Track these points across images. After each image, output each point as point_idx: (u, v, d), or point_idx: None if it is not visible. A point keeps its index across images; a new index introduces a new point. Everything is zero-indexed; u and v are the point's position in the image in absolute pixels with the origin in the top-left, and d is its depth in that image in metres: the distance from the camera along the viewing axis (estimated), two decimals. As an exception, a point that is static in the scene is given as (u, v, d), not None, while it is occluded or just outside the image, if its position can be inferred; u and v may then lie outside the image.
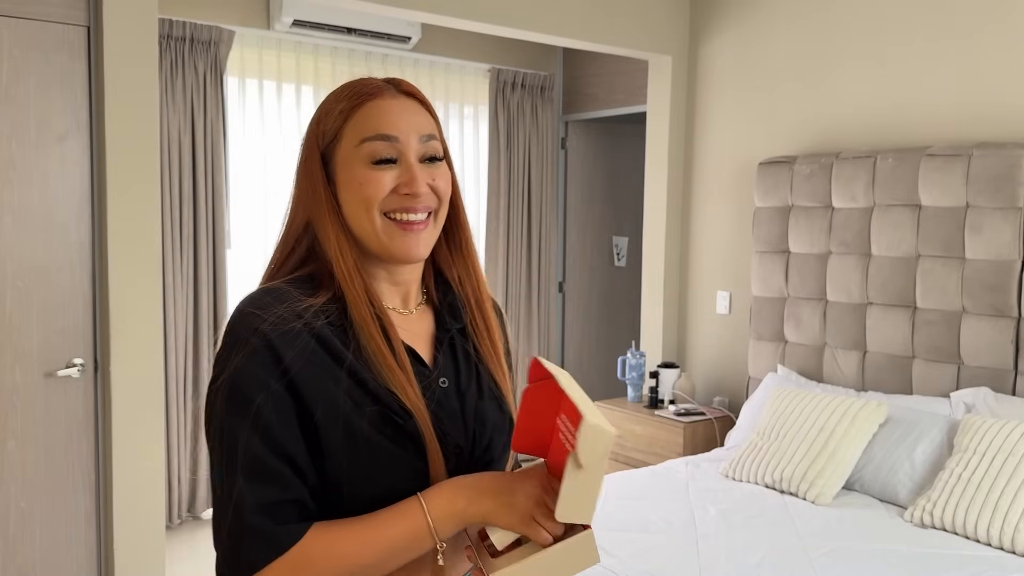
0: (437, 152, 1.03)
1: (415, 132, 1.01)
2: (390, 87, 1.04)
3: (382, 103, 1.01)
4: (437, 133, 1.05)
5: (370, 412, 0.96)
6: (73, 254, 2.63)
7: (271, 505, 0.91)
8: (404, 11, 3.37)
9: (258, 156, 4.21)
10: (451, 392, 1.05)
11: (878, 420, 3.00)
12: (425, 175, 1.01)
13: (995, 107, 3.13)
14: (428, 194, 1.02)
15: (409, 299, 1.09)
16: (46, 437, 2.62)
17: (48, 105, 2.56)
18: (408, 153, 1.01)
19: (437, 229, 1.06)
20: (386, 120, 1.00)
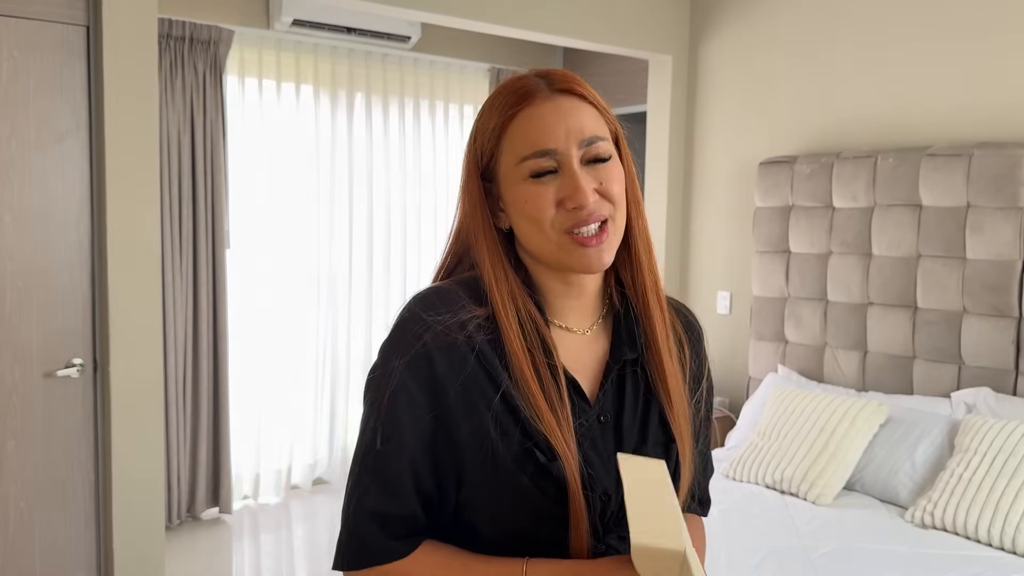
0: (603, 153, 0.94)
1: (575, 138, 0.93)
2: (543, 87, 0.95)
3: (534, 111, 0.93)
4: (605, 130, 0.96)
5: (516, 445, 0.92)
6: (73, 254, 2.62)
7: (383, 516, 0.92)
8: (404, 11, 3.37)
9: (258, 156, 4.20)
10: (609, 430, 0.97)
11: (879, 420, 3.00)
12: (590, 180, 0.93)
13: (996, 107, 3.13)
14: (598, 201, 0.93)
15: (588, 315, 1.02)
16: (45, 437, 2.61)
17: (48, 105, 2.55)
18: (570, 162, 0.93)
19: (618, 235, 0.97)
20: (541, 132, 0.93)
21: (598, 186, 0.94)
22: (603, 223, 0.94)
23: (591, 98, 0.96)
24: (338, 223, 4.50)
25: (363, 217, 4.57)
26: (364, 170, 4.54)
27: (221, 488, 4.09)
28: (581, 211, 0.92)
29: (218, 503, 4.12)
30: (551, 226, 0.93)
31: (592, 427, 0.96)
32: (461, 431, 0.92)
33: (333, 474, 4.64)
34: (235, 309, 4.20)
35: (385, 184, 4.62)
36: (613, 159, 0.96)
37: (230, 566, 3.75)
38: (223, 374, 4.05)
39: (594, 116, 0.95)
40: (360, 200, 4.55)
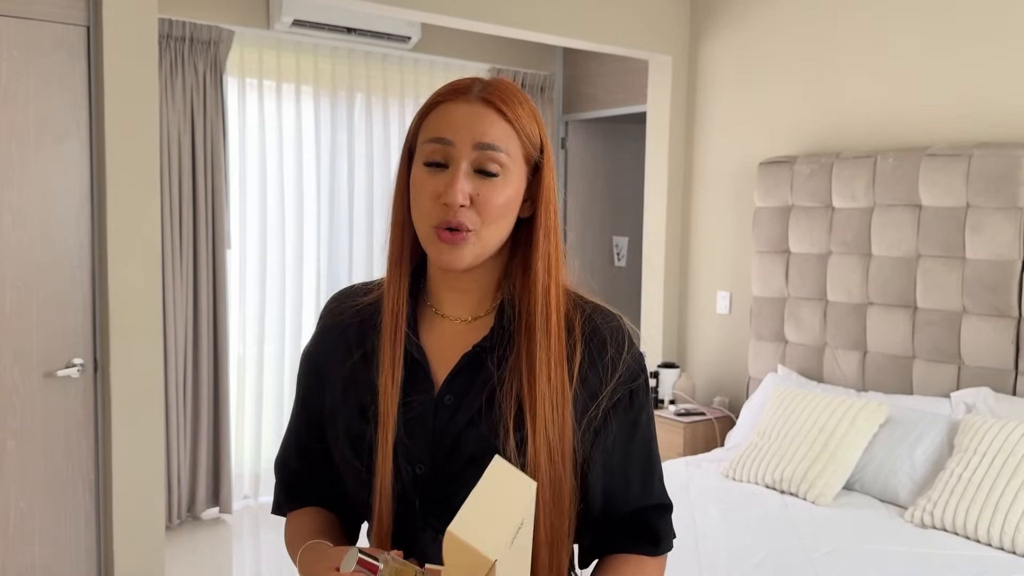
0: (493, 167, 0.96)
1: (472, 139, 0.96)
2: (472, 91, 0.99)
3: (452, 107, 0.98)
4: (514, 148, 0.98)
5: (349, 411, 1.04)
6: (73, 254, 2.62)
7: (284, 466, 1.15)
8: (404, 11, 3.37)
9: (258, 156, 4.21)
10: (447, 412, 1.00)
11: (878, 420, 3.00)
12: (468, 186, 0.96)
13: (996, 107, 3.13)
14: (466, 209, 0.96)
15: (470, 307, 1.05)
16: (46, 437, 2.61)
17: (48, 105, 2.55)
18: (459, 160, 0.96)
19: (481, 247, 0.99)
20: (446, 123, 0.98)
21: (475, 195, 0.96)
22: (467, 231, 0.97)
23: (511, 116, 0.98)
24: (338, 223, 4.50)
25: (363, 217, 4.57)
26: (364, 170, 4.54)
27: (221, 488, 4.09)
28: (448, 210, 0.96)
29: (218, 503, 4.12)
30: (425, 215, 0.98)
31: (427, 406, 1.01)
32: (328, 398, 1.08)
33: (333, 474, 4.63)
34: (235, 309, 4.20)
35: (385, 184, 4.61)
36: (507, 177, 0.98)
37: (230, 566, 3.75)
38: (223, 374, 4.05)
39: (504, 131, 0.98)
40: (360, 200, 4.55)
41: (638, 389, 1.04)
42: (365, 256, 4.60)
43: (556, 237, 1.03)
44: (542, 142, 1.02)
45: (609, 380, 1.02)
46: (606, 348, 1.03)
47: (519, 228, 1.03)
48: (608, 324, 1.04)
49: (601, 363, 1.02)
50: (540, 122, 1.03)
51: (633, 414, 1.04)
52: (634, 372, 1.04)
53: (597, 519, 1.04)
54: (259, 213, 4.22)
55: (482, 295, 1.05)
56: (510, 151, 0.98)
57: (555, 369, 0.99)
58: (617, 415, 1.03)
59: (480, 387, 1.00)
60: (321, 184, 4.42)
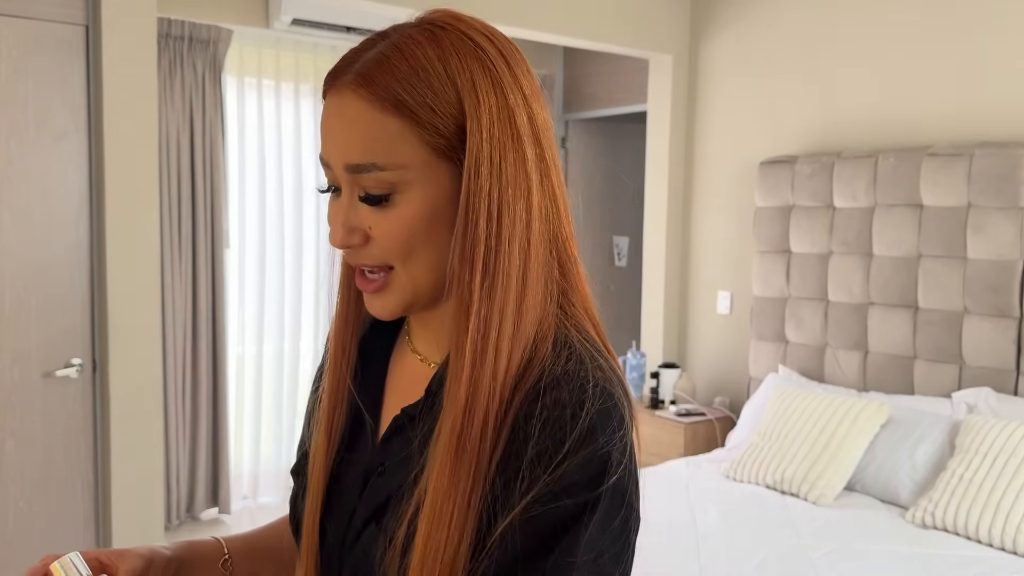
0: (374, 189, 0.69)
1: (340, 159, 0.70)
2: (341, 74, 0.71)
3: (326, 105, 0.72)
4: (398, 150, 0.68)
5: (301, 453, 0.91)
6: (72, 254, 2.61)
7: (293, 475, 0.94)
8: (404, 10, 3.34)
9: (257, 155, 4.20)
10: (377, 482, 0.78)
11: (879, 420, 2.99)
12: (357, 218, 0.71)
13: (997, 107, 3.12)
14: (365, 251, 0.72)
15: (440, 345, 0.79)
16: (45, 437, 2.61)
17: (47, 104, 2.55)
18: (344, 187, 0.72)
19: (410, 286, 0.73)
20: (323, 134, 0.73)
21: (368, 229, 0.71)
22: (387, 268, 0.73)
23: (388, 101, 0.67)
24: (338, 223, 4.49)
25: (363, 217, 4.56)
26: (364, 170, 4.53)
27: (220, 488, 4.08)
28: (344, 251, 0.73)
29: (217, 503, 4.11)
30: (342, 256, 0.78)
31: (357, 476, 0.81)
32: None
33: (333, 474, 4.63)
34: (234, 309, 4.19)
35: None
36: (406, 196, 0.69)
37: (229, 566, 3.74)
38: (223, 374, 4.04)
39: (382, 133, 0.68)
40: (360, 200, 4.54)
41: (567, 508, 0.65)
42: (365, 256, 4.59)
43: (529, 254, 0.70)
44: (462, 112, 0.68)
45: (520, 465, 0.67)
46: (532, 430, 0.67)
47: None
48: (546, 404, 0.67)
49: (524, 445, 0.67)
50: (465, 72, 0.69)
51: (539, 542, 0.65)
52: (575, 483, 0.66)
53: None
54: (258, 213, 4.22)
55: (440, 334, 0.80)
56: (395, 160, 0.68)
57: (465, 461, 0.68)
58: (519, 535, 0.66)
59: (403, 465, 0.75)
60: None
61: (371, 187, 0.69)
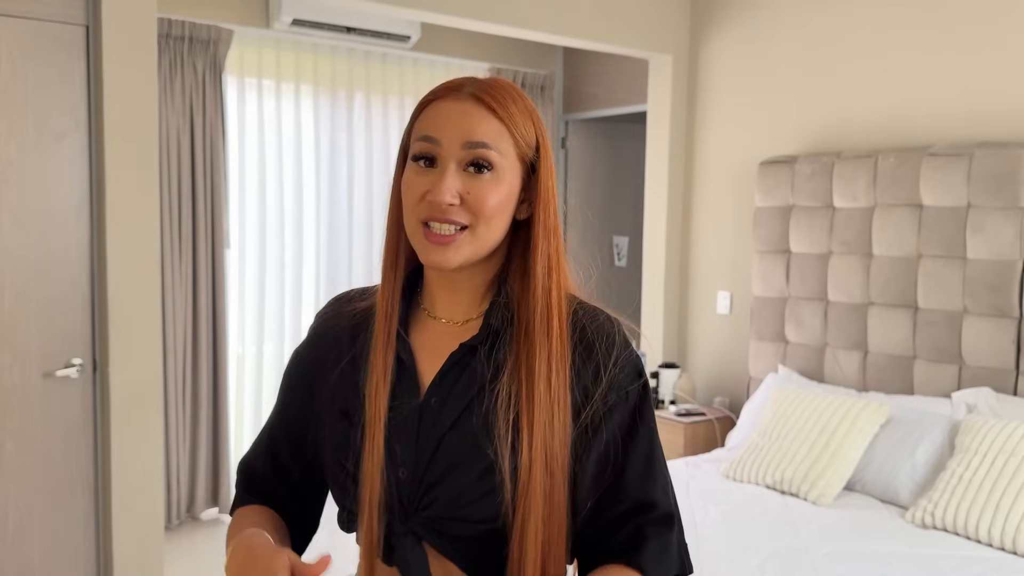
0: (484, 160, 0.94)
1: (461, 138, 0.94)
2: (463, 89, 0.97)
3: (442, 105, 0.96)
4: (504, 144, 0.95)
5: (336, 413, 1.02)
6: (72, 254, 2.62)
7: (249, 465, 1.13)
8: (404, 10, 3.36)
9: (257, 156, 4.20)
10: (433, 413, 0.97)
11: (879, 420, 2.99)
12: (458, 184, 0.94)
13: (997, 107, 3.12)
14: (456, 208, 0.94)
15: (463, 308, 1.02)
16: (45, 437, 2.61)
17: (47, 104, 2.55)
18: (447, 159, 0.94)
19: (477, 245, 0.96)
20: (435, 121, 0.96)
21: (466, 194, 0.94)
22: (461, 228, 0.95)
23: (502, 114, 0.96)
24: (337, 223, 4.49)
25: (362, 217, 4.56)
26: (363, 170, 4.53)
27: (220, 488, 4.08)
28: (435, 208, 0.94)
29: (218, 503, 4.11)
30: (413, 212, 0.96)
31: (412, 410, 0.98)
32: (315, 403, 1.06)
33: (333, 474, 4.63)
34: (234, 309, 4.19)
35: (385, 184, 4.61)
36: (499, 175, 0.95)
37: (230, 566, 3.75)
38: (223, 374, 4.04)
39: (495, 129, 0.95)
40: (359, 199, 4.54)
41: (633, 393, 0.98)
42: (364, 256, 4.59)
43: (557, 239, 1.00)
44: (538, 142, 0.99)
45: (601, 384, 0.97)
46: (597, 351, 0.98)
47: (516, 230, 1.00)
48: (602, 327, 0.99)
49: (592, 367, 0.97)
50: (537, 121, 1.00)
51: (629, 419, 0.98)
52: (629, 376, 0.98)
53: (590, 533, 0.98)
54: (258, 213, 4.22)
55: (475, 296, 1.02)
56: (502, 149, 0.95)
57: (555, 375, 0.95)
58: (611, 421, 0.97)
59: (465, 389, 0.97)
60: (320, 183, 4.41)
61: (479, 161, 0.94)
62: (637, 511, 0.97)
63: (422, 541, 0.96)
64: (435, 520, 0.95)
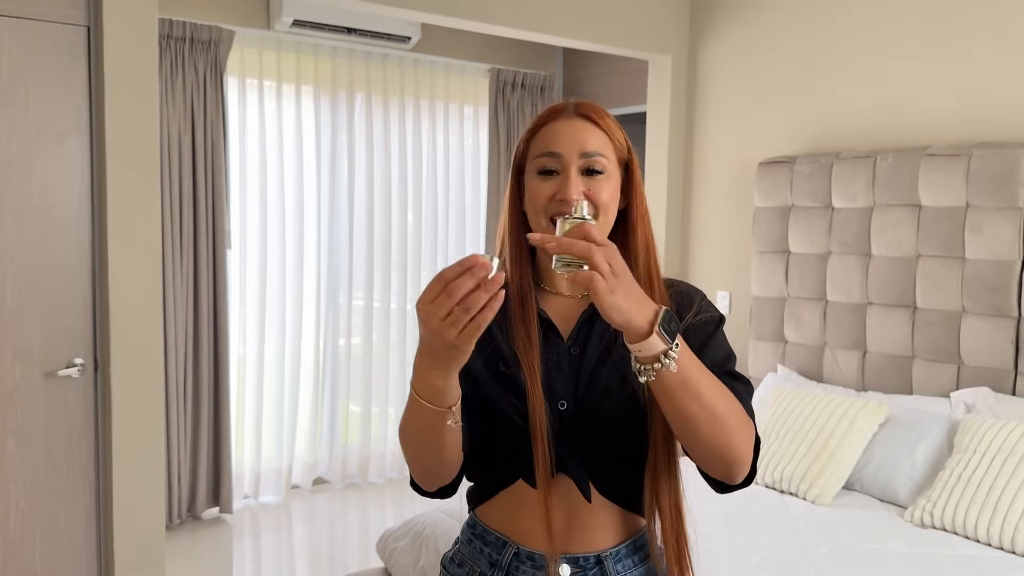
0: (597, 166, 1.18)
1: (577, 148, 1.18)
2: (568, 110, 1.22)
3: (556, 125, 1.21)
4: (610, 152, 1.21)
5: (494, 363, 1.20)
6: (73, 254, 2.62)
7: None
8: (404, 11, 3.37)
9: (258, 156, 4.21)
10: (575, 360, 1.21)
11: (878, 420, 3.00)
12: (581, 184, 1.17)
13: (995, 107, 3.13)
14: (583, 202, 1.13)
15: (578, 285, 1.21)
16: (46, 437, 2.61)
17: (48, 105, 2.56)
18: (568, 166, 1.18)
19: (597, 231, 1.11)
20: (554, 139, 1.20)
21: (587, 191, 1.18)
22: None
23: (604, 126, 1.22)
24: (338, 223, 4.50)
25: (363, 217, 4.57)
26: (364, 170, 4.54)
27: (221, 488, 4.09)
28: (565, 204, 1.16)
29: (218, 503, 4.12)
30: (543, 212, 1.19)
31: (561, 355, 1.21)
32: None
33: (333, 474, 4.64)
34: (235, 309, 4.20)
35: (385, 184, 4.62)
36: (609, 175, 1.20)
37: (230, 566, 3.76)
38: (223, 374, 4.05)
39: (601, 139, 1.21)
40: (360, 200, 4.55)
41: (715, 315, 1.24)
42: (365, 256, 4.60)
43: (648, 223, 1.27)
44: (628, 146, 1.24)
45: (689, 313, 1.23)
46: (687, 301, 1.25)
47: (617, 219, 1.23)
48: (691, 288, 1.29)
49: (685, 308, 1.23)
50: (624, 131, 1.25)
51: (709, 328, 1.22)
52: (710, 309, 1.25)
53: None
54: (259, 213, 4.23)
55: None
56: (607, 155, 1.20)
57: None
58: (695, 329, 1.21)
59: (598, 338, 1.21)
60: (321, 184, 4.42)
61: (594, 166, 1.19)
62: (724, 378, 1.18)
63: (579, 464, 1.19)
64: (591, 443, 1.19)
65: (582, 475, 1.19)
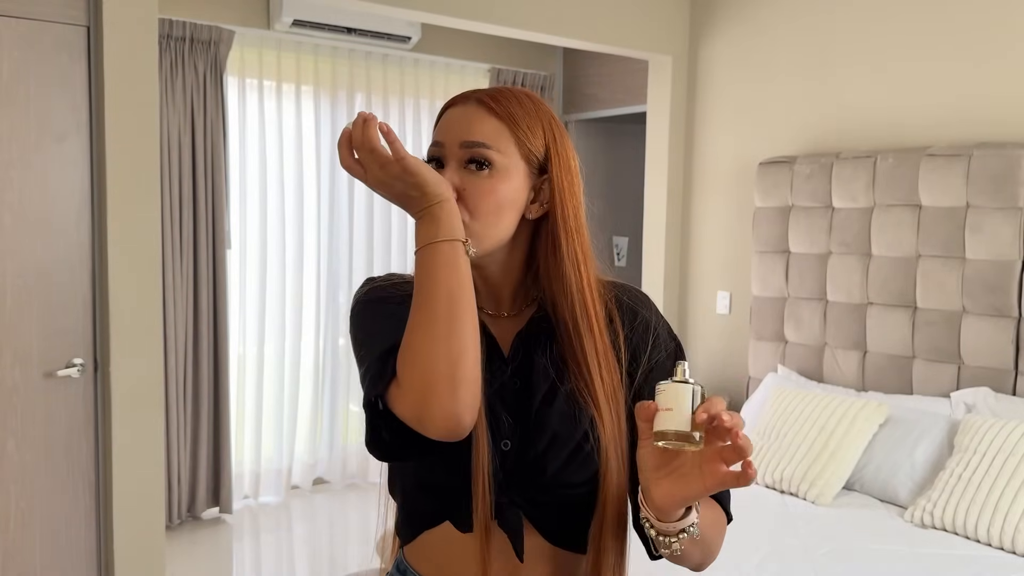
0: (480, 157, 1.00)
1: (459, 138, 1.01)
2: (471, 96, 1.05)
3: (450, 111, 1.05)
4: (504, 143, 1.00)
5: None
6: (73, 254, 2.62)
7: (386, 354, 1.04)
8: (404, 11, 3.37)
9: (258, 156, 4.21)
10: (521, 392, 1.05)
11: (878, 420, 3.00)
12: (456, 180, 0.99)
13: (995, 107, 3.13)
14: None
15: (501, 303, 1.09)
16: (46, 437, 2.61)
17: (48, 105, 2.56)
18: (449, 158, 1.02)
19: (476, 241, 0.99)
20: (442, 127, 1.04)
21: (462, 189, 0.99)
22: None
23: (503, 114, 1.01)
24: (338, 223, 4.50)
25: (363, 217, 4.57)
26: (364, 170, 4.54)
27: (221, 488, 4.09)
28: None
29: (218, 503, 4.12)
30: None
31: (505, 384, 1.04)
32: None
33: (333, 474, 4.64)
34: (235, 309, 4.20)
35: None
36: (500, 172, 1.00)
37: (230, 566, 3.76)
38: (223, 374, 4.05)
39: (495, 128, 1.01)
40: (360, 200, 4.55)
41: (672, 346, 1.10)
42: (365, 256, 4.60)
43: (581, 237, 1.06)
44: (549, 145, 1.04)
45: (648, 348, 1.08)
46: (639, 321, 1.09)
47: (538, 230, 1.06)
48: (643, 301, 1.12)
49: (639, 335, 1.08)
50: (549, 125, 1.05)
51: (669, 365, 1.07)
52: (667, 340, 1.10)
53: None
54: (259, 213, 4.23)
55: (500, 294, 1.09)
56: (501, 148, 1.00)
57: (604, 364, 1.04)
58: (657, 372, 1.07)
59: (541, 372, 1.05)
60: (321, 184, 4.42)
61: (475, 157, 1.00)
62: None
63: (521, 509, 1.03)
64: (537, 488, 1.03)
65: (518, 529, 1.03)
